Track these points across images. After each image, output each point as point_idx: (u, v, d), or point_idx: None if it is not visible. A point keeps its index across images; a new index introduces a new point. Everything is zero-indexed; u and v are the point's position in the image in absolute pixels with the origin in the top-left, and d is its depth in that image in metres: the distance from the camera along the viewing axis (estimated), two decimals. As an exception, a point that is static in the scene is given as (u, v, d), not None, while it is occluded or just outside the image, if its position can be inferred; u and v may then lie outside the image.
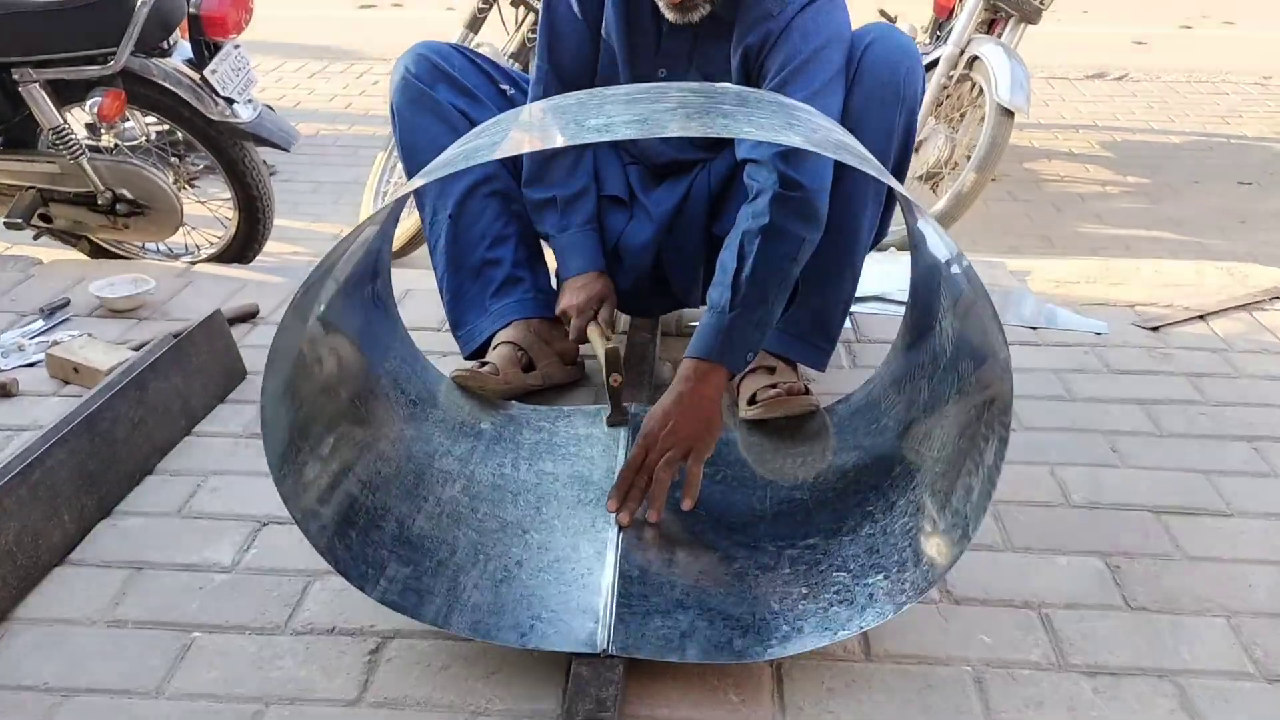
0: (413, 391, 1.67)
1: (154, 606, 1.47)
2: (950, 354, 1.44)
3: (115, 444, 1.68)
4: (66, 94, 2.71)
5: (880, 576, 1.38)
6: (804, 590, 1.41)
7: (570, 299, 1.92)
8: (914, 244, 1.62)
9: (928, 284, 1.55)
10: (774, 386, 1.85)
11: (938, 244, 1.44)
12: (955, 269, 1.34)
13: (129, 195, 2.84)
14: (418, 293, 2.45)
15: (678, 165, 1.99)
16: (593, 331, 1.87)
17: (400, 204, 1.53)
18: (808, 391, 1.87)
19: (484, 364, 1.93)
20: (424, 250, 2.12)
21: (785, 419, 1.82)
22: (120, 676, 1.35)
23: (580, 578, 1.44)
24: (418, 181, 1.21)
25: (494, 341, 1.99)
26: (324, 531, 1.32)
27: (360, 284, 1.51)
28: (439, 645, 1.39)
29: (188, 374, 1.89)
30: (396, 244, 3.11)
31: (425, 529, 1.47)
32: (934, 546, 1.34)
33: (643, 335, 2.13)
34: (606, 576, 1.43)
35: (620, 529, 1.51)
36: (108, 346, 2.10)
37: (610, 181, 2.02)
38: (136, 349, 2.08)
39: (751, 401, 1.86)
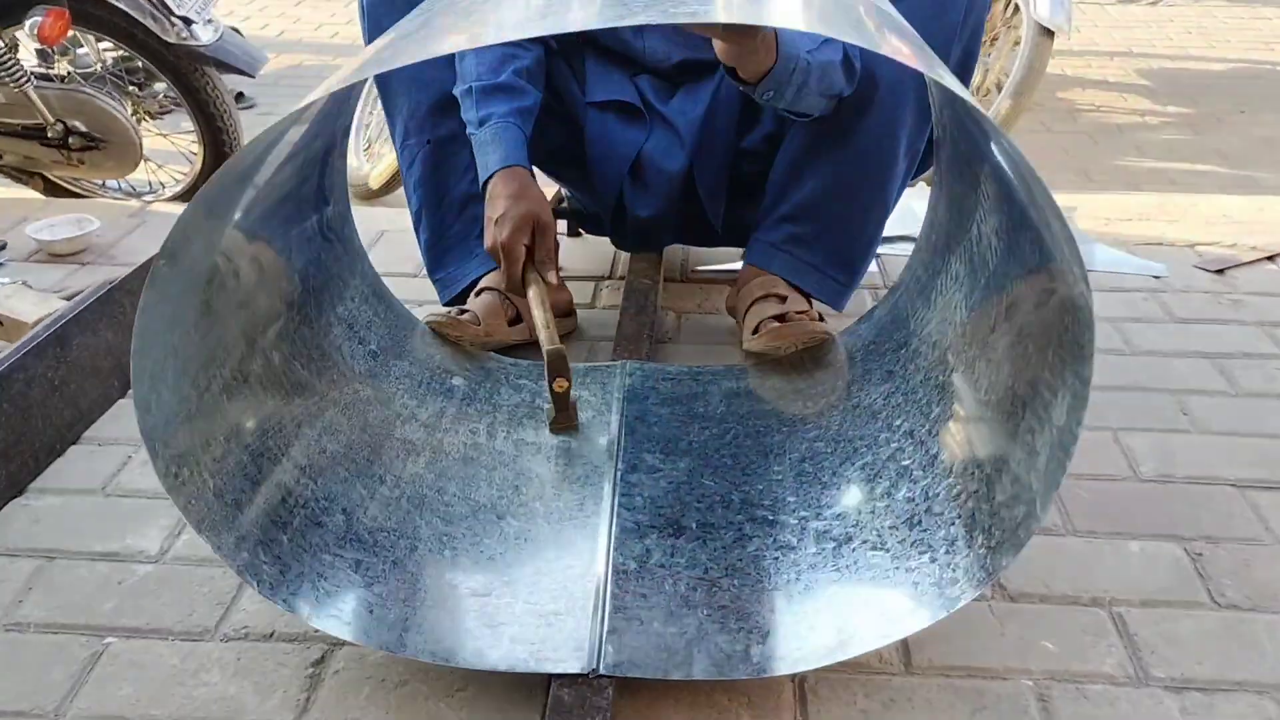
0: (374, 340, 1.43)
1: (63, 605, 1.24)
2: (995, 265, 1.18)
3: (30, 410, 1.45)
4: (5, 14, 2.46)
5: (925, 559, 1.14)
6: (834, 576, 1.17)
7: (494, 232, 1.52)
8: (943, 125, 1.37)
9: (960, 175, 1.29)
10: (782, 318, 1.62)
11: (973, 127, 1.17)
12: (1000, 146, 1.08)
13: (82, 127, 2.60)
14: (394, 234, 2.20)
15: (695, 67, 1.72)
16: (533, 293, 1.50)
17: (342, 110, 1.27)
18: (822, 319, 1.65)
19: (463, 311, 1.69)
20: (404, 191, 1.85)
21: (799, 354, 1.59)
22: (14, 694, 1.12)
23: (564, 575, 1.20)
24: (379, 54, 0.95)
25: (477, 287, 1.75)
26: (244, 543, 1.08)
27: (300, 208, 1.26)
28: (395, 656, 1.16)
29: (121, 327, 1.65)
30: (375, 183, 2.85)
31: (380, 519, 1.24)
32: (991, 523, 1.09)
33: (643, 281, 1.88)
34: (596, 572, 1.20)
35: (613, 510, 1.28)
36: (40, 296, 1.86)
37: (612, 87, 1.74)
38: (70, 298, 1.84)
39: (756, 332, 1.63)
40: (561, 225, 1.91)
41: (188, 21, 2.50)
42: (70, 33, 2.48)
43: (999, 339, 1.15)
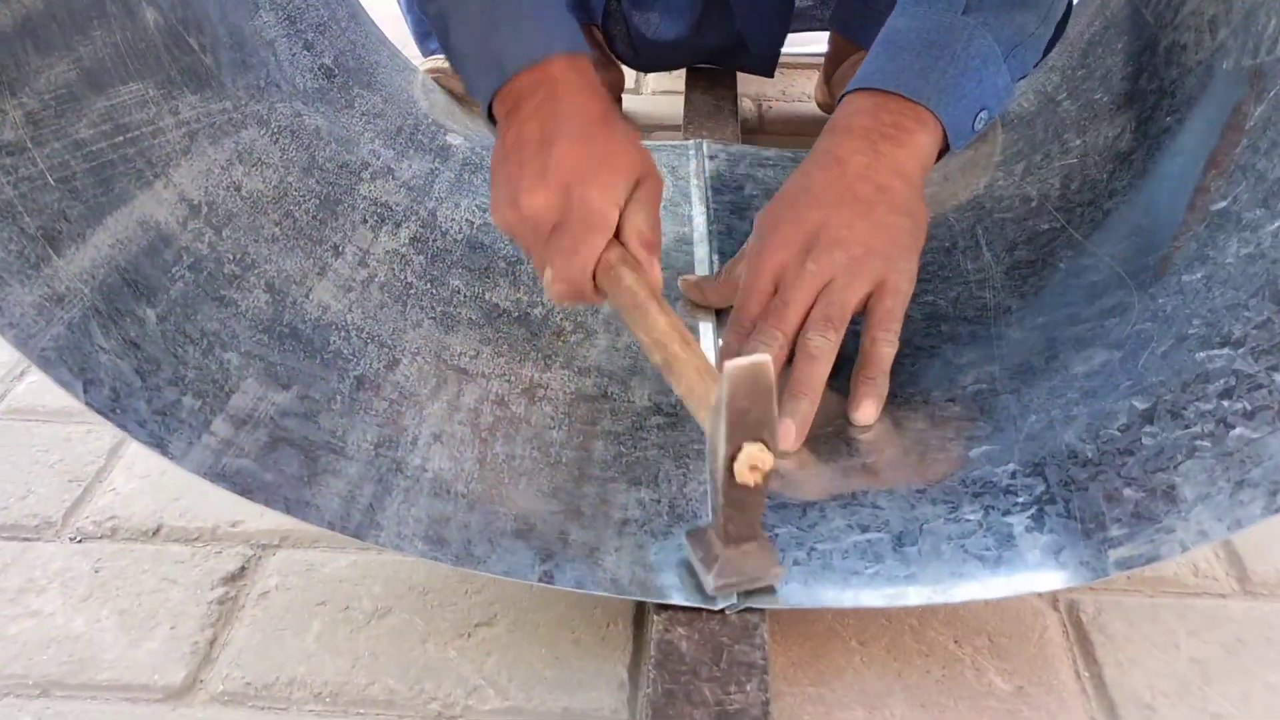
0: (327, 51, 0.91)
1: None
2: None
3: None
4: None
5: None
6: (1140, 403, 0.65)
7: (553, 167, 0.67)
8: None
9: None
10: None
11: None
12: None
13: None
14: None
15: None
16: (630, 281, 0.67)
17: None
18: None
19: None
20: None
21: None
22: None
23: (655, 437, 0.70)
24: None
25: None
26: (60, 309, 0.57)
27: None
28: (366, 563, 0.68)
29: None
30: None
31: (335, 309, 0.73)
32: None
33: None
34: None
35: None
36: None
37: None
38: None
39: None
40: None
41: None
42: None
43: None
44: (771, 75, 1.28)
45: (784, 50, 1.30)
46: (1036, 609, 0.66)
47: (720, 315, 0.81)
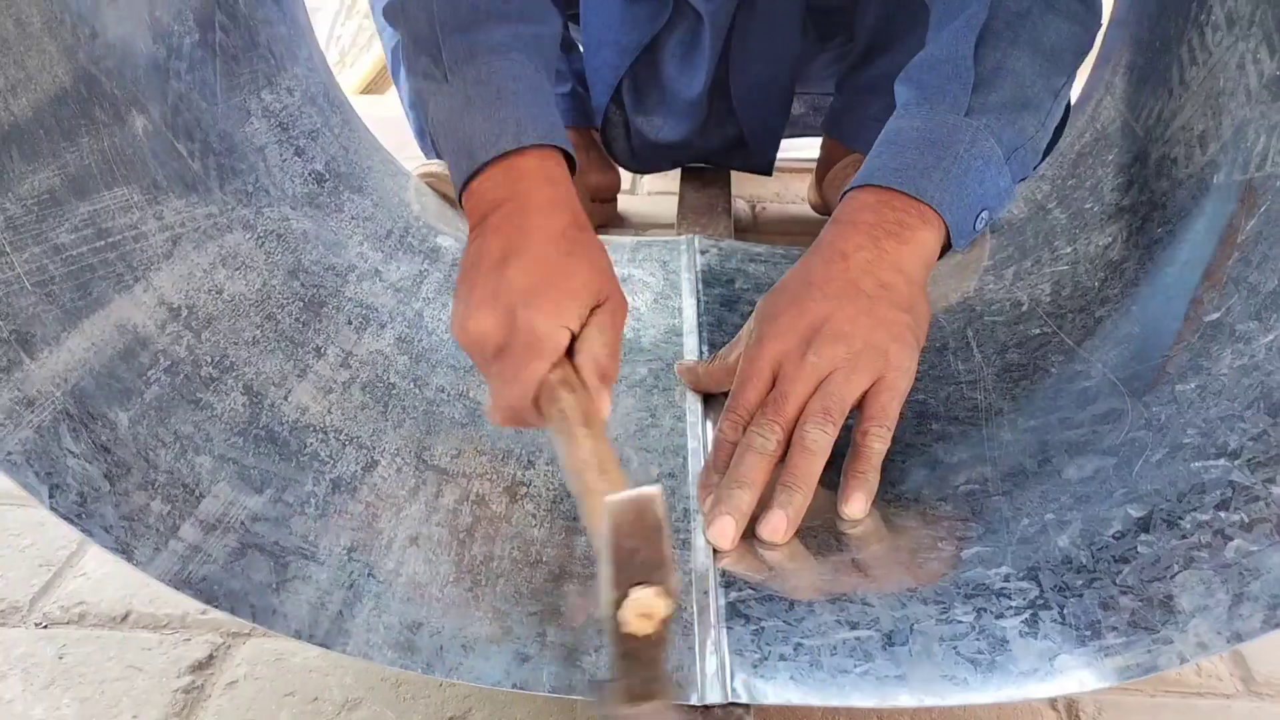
0: (319, 157, 0.92)
1: None
2: None
3: None
4: None
5: None
6: (1135, 511, 0.64)
7: (506, 288, 0.66)
8: None
9: None
10: None
11: None
12: None
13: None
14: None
15: None
16: (567, 405, 0.64)
17: None
18: None
19: None
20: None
21: None
22: None
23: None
24: None
25: None
26: (29, 413, 0.57)
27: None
28: (337, 655, 0.66)
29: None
30: (354, 91, 2.34)
31: (313, 411, 0.73)
32: None
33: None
34: (690, 527, 0.69)
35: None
36: None
37: None
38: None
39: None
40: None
41: None
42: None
43: None
44: (770, 174, 1.30)
45: (779, 156, 1.32)
46: (1035, 709, 0.63)
47: (709, 400, 0.81)
